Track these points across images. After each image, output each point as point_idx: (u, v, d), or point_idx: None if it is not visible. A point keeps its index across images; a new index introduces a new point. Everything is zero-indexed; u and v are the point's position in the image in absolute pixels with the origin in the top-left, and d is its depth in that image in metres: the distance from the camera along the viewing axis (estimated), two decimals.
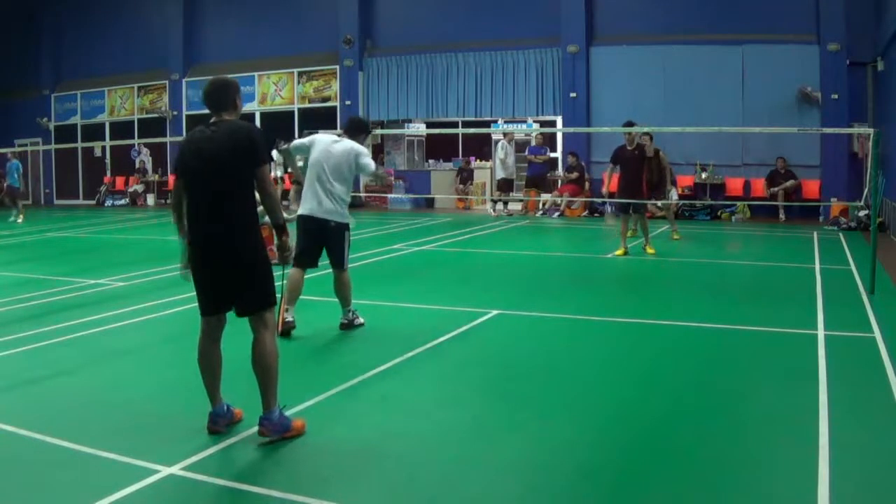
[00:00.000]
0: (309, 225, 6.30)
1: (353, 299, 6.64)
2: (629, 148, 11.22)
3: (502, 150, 18.19)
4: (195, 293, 4.31)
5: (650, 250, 11.10)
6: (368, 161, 6.46)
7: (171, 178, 22.94)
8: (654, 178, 12.17)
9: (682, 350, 6.05)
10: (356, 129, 6.61)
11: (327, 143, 6.40)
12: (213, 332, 4.29)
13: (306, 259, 6.39)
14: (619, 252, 10.96)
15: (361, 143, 6.54)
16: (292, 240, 4.62)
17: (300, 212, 6.38)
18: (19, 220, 17.68)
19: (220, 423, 4.23)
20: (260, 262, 4.18)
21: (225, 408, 4.28)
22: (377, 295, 8.06)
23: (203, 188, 4.09)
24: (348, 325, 6.60)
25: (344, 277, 6.52)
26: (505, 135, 18.37)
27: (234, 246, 4.09)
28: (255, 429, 4.15)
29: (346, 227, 6.43)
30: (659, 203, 13.20)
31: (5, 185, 18.76)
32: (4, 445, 4.07)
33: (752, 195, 16.74)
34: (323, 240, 6.38)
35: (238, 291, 4.16)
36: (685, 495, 3.48)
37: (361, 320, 6.67)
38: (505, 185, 18.41)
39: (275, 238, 4.33)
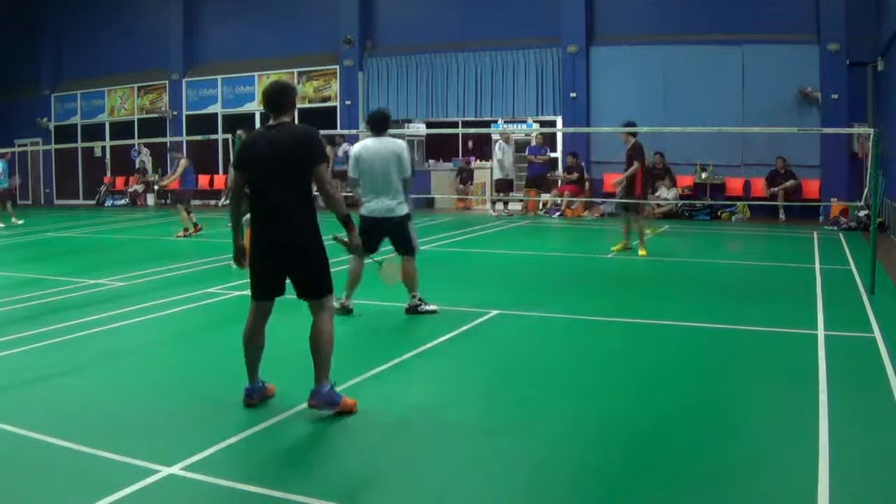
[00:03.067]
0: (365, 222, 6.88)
1: (353, 299, 6.72)
2: (627, 148, 11.30)
3: (500, 151, 18.22)
4: (250, 278, 4.60)
5: (641, 252, 11.02)
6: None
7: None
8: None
9: (682, 350, 6.05)
10: (379, 126, 6.96)
11: None
12: (262, 315, 4.63)
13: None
14: (616, 247, 11.14)
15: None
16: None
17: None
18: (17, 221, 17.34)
19: (255, 398, 4.59)
20: (319, 253, 4.50)
21: (260, 384, 4.63)
22: (377, 295, 8.05)
23: (266, 186, 4.40)
24: (413, 312, 7.07)
25: (408, 264, 7.01)
26: (501, 135, 18.37)
27: (296, 240, 4.42)
28: (257, 428, 4.17)
29: (407, 217, 6.96)
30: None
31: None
32: (4, 445, 4.07)
33: (752, 195, 16.73)
34: (380, 232, 6.94)
35: (299, 280, 4.51)
36: (685, 495, 3.48)
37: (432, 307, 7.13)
38: (503, 186, 18.41)
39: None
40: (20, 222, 17.27)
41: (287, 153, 4.35)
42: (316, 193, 4.58)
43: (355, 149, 6.99)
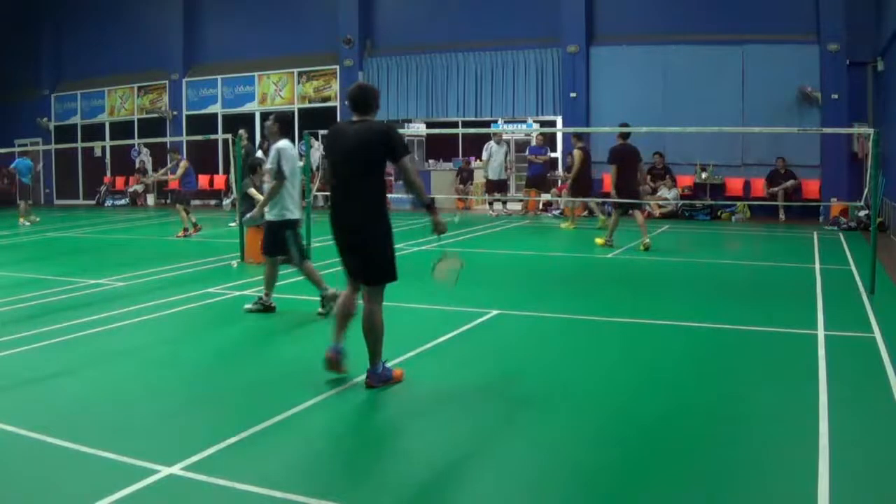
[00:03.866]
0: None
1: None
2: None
3: (486, 152, 18.25)
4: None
5: (598, 240, 11.98)
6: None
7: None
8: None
9: (682, 350, 6.05)
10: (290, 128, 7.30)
11: None
12: (353, 288, 5.07)
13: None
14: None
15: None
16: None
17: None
18: (34, 220, 17.42)
19: (339, 355, 4.96)
20: (379, 243, 4.88)
21: (342, 346, 4.99)
22: None
23: (345, 173, 4.86)
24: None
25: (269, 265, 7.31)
26: (493, 136, 18.38)
27: (360, 225, 4.85)
28: (257, 428, 4.17)
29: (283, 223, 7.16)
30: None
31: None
32: (4, 445, 4.07)
33: (752, 195, 16.73)
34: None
35: (364, 264, 4.91)
36: (685, 495, 3.48)
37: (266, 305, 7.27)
38: (492, 186, 18.38)
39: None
40: (37, 219, 17.46)
41: (366, 145, 4.78)
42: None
43: (288, 150, 7.13)
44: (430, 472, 3.76)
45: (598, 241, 11.94)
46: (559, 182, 18.41)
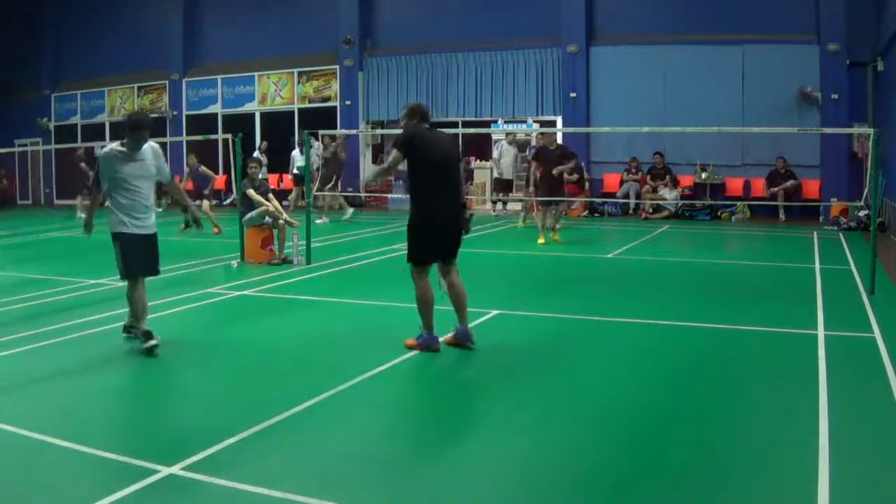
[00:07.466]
0: None
1: (354, 299, 6.71)
2: (551, 148, 12.87)
3: (497, 151, 18.25)
4: (418, 248, 5.79)
5: (540, 239, 12.51)
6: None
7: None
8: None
9: (682, 350, 6.05)
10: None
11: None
12: (428, 274, 5.86)
13: None
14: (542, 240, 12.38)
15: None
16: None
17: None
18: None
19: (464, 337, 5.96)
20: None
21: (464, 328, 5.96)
22: (377, 295, 8.06)
23: (448, 171, 5.85)
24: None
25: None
26: (506, 136, 18.37)
27: (457, 214, 5.89)
28: (257, 428, 4.19)
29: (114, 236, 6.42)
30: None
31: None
32: (4, 445, 4.07)
33: (752, 195, 16.73)
34: None
35: (455, 245, 5.95)
36: (685, 495, 3.48)
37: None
38: (500, 186, 18.38)
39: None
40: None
41: (453, 147, 6.08)
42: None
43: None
44: (430, 472, 3.76)
45: (542, 240, 12.36)
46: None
